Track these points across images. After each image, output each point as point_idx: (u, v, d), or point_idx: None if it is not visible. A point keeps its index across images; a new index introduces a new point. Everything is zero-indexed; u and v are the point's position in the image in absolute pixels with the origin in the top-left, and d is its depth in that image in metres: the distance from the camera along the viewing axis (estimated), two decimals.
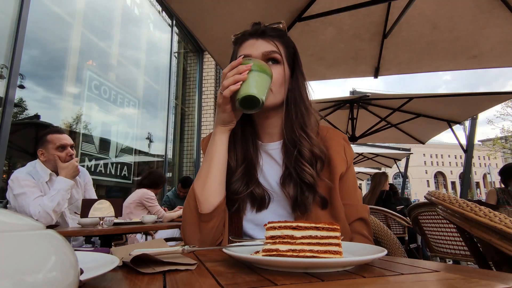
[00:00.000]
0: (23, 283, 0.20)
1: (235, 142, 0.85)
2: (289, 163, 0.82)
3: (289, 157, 0.81)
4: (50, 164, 2.08)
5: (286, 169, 0.82)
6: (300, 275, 0.43)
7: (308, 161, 0.80)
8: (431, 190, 0.87)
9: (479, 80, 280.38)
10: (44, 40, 3.36)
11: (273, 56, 0.82)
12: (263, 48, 0.82)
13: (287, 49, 0.86)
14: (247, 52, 0.83)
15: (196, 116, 6.45)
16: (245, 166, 0.84)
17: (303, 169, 0.79)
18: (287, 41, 0.87)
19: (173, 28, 5.82)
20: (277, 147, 0.87)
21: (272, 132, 0.88)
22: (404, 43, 2.46)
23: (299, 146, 0.80)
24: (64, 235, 0.86)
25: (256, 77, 0.73)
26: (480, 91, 29.16)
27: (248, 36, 0.85)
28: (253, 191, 0.81)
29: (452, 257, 2.04)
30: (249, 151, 0.85)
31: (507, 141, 28.90)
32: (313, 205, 0.79)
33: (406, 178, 10.50)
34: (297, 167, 0.80)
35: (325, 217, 0.80)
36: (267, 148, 0.88)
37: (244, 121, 0.87)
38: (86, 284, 0.35)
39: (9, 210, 0.27)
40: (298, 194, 0.79)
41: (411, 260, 0.55)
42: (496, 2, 1.99)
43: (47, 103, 3.44)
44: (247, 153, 0.85)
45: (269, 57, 0.82)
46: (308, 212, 0.79)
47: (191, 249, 0.56)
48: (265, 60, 0.81)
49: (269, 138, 0.88)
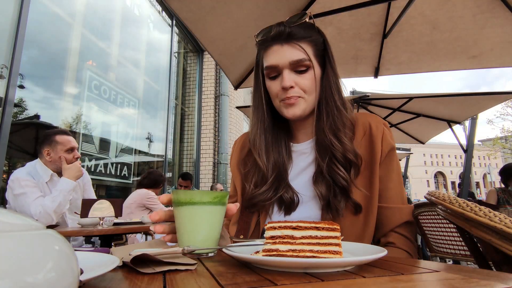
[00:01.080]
0: (23, 283, 0.20)
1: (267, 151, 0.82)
2: (322, 162, 0.77)
3: (322, 157, 0.77)
4: (54, 164, 2.08)
5: (318, 167, 0.78)
6: (300, 275, 0.43)
7: (342, 164, 0.75)
8: (431, 190, 0.87)
9: (480, 80, 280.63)
10: (43, 40, 3.36)
11: (303, 64, 0.75)
12: (290, 56, 0.75)
13: (316, 47, 0.78)
14: (273, 62, 0.76)
15: (196, 116, 6.45)
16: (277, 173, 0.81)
17: (336, 172, 0.74)
18: (315, 38, 0.79)
19: (173, 28, 5.82)
20: (310, 145, 0.83)
21: (306, 131, 0.85)
22: (404, 43, 2.46)
23: (331, 149, 0.76)
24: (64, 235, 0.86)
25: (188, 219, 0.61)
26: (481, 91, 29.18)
27: (271, 41, 0.77)
28: (282, 196, 0.78)
29: (452, 257, 2.04)
30: (281, 155, 0.83)
31: (507, 141, 28.88)
32: (345, 211, 0.74)
33: (406, 178, 10.50)
34: (330, 169, 0.75)
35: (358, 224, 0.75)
36: (300, 148, 0.85)
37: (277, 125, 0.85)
38: (86, 284, 0.35)
39: (9, 210, 0.27)
40: (330, 196, 0.74)
41: (411, 260, 0.55)
42: (496, 2, 1.99)
43: (47, 103, 3.44)
44: (279, 158, 0.82)
45: (298, 66, 0.76)
46: (340, 217, 0.73)
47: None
48: (294, 70, 0.76)
49: (303, 137, 0.86)
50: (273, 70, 0.77)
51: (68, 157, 2.09)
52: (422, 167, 75.58)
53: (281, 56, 0.75)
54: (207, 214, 0.61)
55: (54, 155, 2.07)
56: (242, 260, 0.50)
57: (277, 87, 0.77)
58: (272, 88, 0.79)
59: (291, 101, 0.76)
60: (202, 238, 0.61)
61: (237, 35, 2.01)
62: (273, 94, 0.80)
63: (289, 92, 0.75)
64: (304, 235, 0.49)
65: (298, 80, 0.76)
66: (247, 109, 4.61)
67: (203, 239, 0.61)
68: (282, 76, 0.76)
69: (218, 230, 0.63)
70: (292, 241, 0.49)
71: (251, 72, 2.50)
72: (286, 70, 0.75)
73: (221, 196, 0.63)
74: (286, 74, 0.75)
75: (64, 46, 3.61)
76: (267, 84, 0.80)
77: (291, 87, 0.75)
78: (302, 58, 0.75)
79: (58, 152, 2.07)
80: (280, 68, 0.76)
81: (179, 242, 0.63)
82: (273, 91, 0.79)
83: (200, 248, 0.59)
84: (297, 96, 0.76)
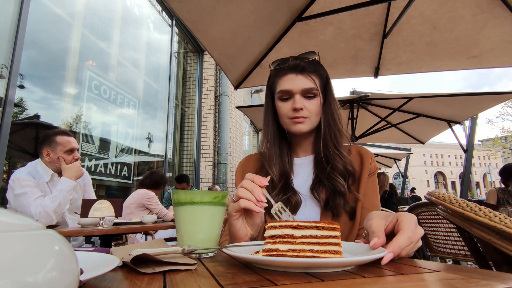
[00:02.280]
0: (23, 283, 0.20)
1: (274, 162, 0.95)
2: (321, 175, 0.91)
3: (321, 170, 0.91)
4: (54, 165, 2.08)
5: (317, 177, 0.92)
6: (300, 275, 0.43)
7: (341, 174, 0.90)
8: (431, 190, 0.88)
9: (482, 80, 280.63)
10: (43, 40, 3.36)
11: (312, 92, 0.91)
12: (302, 84, 0.91)
13: (321, 80, 0.95)
14: (288, 87, 0.91)
15: (196, 116, 6.45)
16: (284, 180, 0.94)
17: (336, 180, 0.88)
18: (321, 73, 0.95)
19: (173, 28, 5.82)
20: (309, 160, 0.98)
21: (306, 148, 1.00)
22: (404, 43, 2.46)
23: (333, 161, 0.91)
24: (64, 235, 0.85)
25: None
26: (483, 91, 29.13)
27: (287, 70, 0.93)
28: (290, 197, 0.90)
29: (452, 257, 2.04)
30: (285, 167, 0.96)
31: (507, 141, 28.88)
32: (343, 213, 0.87)
33: (406, 178, 10.50)
34: (330, 178, 0.89)
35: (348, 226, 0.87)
36: (301, 161, 1.00)
37: (281, 141, 0.99)
38: (86, 284, 0.35)
39: (9, 210, 0.27)
40: (330, 198, 0.87)
41: (411, 260, 0.55)
42: (496, 2, 1.99)
43: (47, 103, 3.44)
44: (284, 169, 0.96)
45: (308, 93, 0.91)
46: (340, 217, 0.86)
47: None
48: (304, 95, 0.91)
49: (303, 153, 1.01)
50: (286, 93, 0.92)
51: (68, 158, 2.08)
52: (422, 167, 75.56)
53: (295, 83, 0.91)
54: (207, 214, 0.62)
55: (54, 155, 2.06)
56: (242, 260, 0.50)
57: (288, 107, 0.92)
58: (283, 108, 0.94)
59: (299, 120, 0.91)
60: (202, 238, 0.61)
61: (237, 35, 2.01)
62: (283, 114, 0.94)
63: (299, 113, 0.91)
64: (304, 234, 0.49)
65: (306, 104, 0.91)
66: (247, 109, 4.60)
67: (203, 239, 0.61)
68: (294, 99, 0.91)
69: (218, 230, 0.64)
70: (292, 240, 0.49)
71: (251, 72, 2.50)
72: (297, 95, 0.91)
73: (221, 196, 0.63)
74: (298, 98, 0.90)
75: (64, 46, 3.61)
76: (278, 105, 0.95)
77: (301, 109, 0.90)
78: (312, 87, 0.91)
79: (57, 153, 2.06)
80: (293, 93, 0.91)
81: (179, 242, 0.63)
82: (283, 111, 0.94)
83: (200, 248, 0.59)
84: (305, 117, 0.91)
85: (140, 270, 0.45)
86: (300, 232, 0.49)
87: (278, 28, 2.23)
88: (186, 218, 0.61)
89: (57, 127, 3.34)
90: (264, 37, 2.25)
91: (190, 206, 0.61)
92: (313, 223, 0.50)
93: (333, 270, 0.46)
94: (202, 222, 0.61)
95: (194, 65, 6.71)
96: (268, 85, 1.01)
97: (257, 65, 2.46)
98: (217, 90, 6.64)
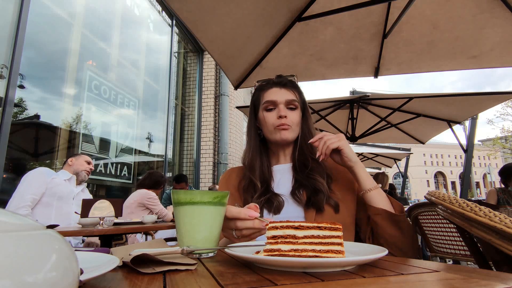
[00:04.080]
0: (23, 283, 0.20)
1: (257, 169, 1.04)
2: (300, 178, 0.99)
3: (300, 174, 1.00)
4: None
5: (296, 181, 1.00)
6: (300, 275, 0.43)
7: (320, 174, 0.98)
8: (431, 190, 0.87)
9: (485, 80, 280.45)
10: (43, 40, 3.36)
11: (293, 104, 1.04)
12: (286, 96, 1.04)
13: (300, 97, 1.08)
14: (273, 98, 1.03)
15: (196, 116, 6.45)
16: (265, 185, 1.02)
17: (315, 179, 0.96)
18: (300, 91, 1.10)
19: (173, 28, 5.82)
20: (289, 167, 1.07)
21: (286, 157, 1.10)
22: (404, 43, 2.46)
23: (310, 165, 1.00)
24: (64, 235, 0.85)
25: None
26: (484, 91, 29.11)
27: (273, 84, 1.07)
28: (270, 198, 0.97)
29: (452, 257, 2.04)
30: (265, 174, 1.05)
31: (507, 141, 28.87)
32: (327, 206, 0.92)
33: (406, 178, 10.50)
34: (309, 179, 0.97)
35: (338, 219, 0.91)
36: (280, 168, 1.08)
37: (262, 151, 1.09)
38: (86, 284, 0.35)
39: (9, 210, 0.27)
40: (311, 196, 0.93)
41: (411, 260, 0.55)
42: (496, 2, 1.99)
43: (47, 103, 3.44)
44: (263, 175, 1.05)
45: (290, 104, 1.03)
46: (322, 212, 0.91)
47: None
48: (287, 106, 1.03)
49: (282, 160, 1.09)
50: (271, 103, 1.04)
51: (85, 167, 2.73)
52: (422, 167, 75.56)
53: (280, 95, 1.04)
54: (207, 214, 0.61)
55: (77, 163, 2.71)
56: (243, 260, 0.50)
57: (274, 116, 1.03)
58: (269, 117, 1.04)
59: (285, 126, 1.01)
60: (202, 238, 0.61)
61: (237, 35, 2.01)
62: (268, 123, 1.04)
63: (283, 120, 1.01)
64: (307, 235, 0.49)
65: (289, 114, 1.03)
66: (247, 109, 4.60)
67: (203, 239, 0.61)
68: (278, 108, 1.02)
69: (218, 230, 0.63)
70: (294, 240, 0.49)
71: (251, 72, 2.50)
72: (282, 105, 1.03)
73: (221, 196, 0.63)
74: (282, 107, 1.03)
75: (64, 46, 3.61)
76: (264, 115, 1.05)
77: (285, 117, 1.01)
78: (294, 99, 1.04)
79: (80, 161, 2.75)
80: (277, 103, 1.03)
81: (179, 242, 0.63)
82: (269, 120, 1.04)
83: (200, 248, 0.59)
84: (289, 124, 1.02)
85: (140, 270, 0.45)
86: (303, 232, 0.49)
87: (278, 28, 2.22)
88: (186, 218, 0.61)
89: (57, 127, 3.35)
90: (264, 37, 2.25)
91: (190, 206, 0.61)
92: (315, 223, 0.50)
93: (333, 270, 0.46)
94: (202, 222, 0.61)
95: (194, 65, 6.71)
96: (252, 100, 1.12)
97: (257, 65, 2.45)
98: (217, 90, 6.64)
